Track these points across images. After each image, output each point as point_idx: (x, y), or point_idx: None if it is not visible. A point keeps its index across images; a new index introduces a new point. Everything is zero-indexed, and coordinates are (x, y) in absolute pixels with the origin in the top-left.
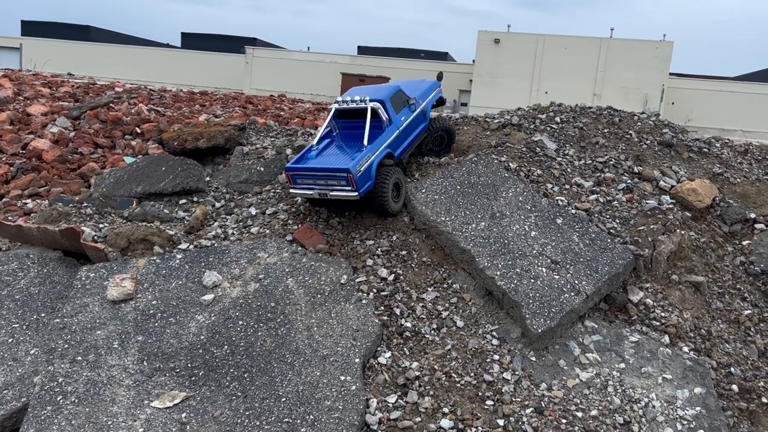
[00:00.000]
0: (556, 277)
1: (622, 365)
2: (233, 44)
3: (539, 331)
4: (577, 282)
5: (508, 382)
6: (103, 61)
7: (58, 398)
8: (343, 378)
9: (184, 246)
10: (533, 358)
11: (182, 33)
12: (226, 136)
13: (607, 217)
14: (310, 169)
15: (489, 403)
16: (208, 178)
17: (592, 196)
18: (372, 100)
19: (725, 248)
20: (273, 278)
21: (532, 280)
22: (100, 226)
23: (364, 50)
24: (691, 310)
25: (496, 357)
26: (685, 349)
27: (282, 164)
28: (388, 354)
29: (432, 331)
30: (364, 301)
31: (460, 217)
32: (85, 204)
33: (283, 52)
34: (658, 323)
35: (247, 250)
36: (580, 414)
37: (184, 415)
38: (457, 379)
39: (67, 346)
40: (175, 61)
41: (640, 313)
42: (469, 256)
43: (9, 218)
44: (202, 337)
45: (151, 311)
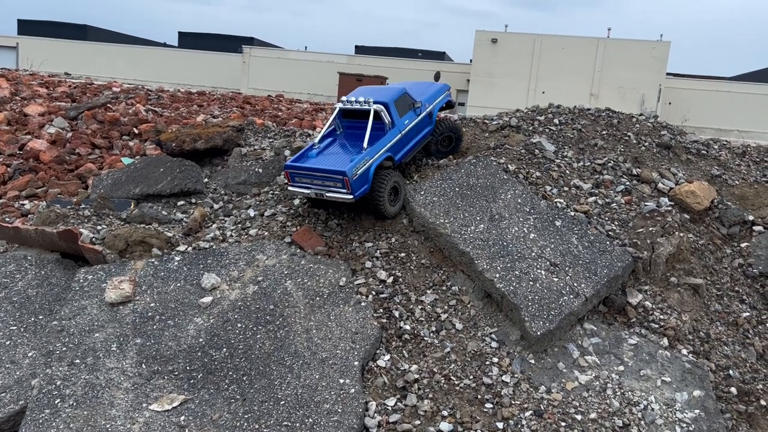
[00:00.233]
0: (555, 279)
1: (621, 368)
2: (230, 44)
3: (538, 333)
4: (576, 284)
5: (507, 385)
6: (100, 61)
7: (56, 401)
8: (342, 381)
9: (182, 248)
10: (532, 361)
11: (179, 32)
12: (224, 138)
13: (606, 219)
14: (308, 168)
15: (488, 406)
16: (206, 180)
17: (591, 198)
18: (376, 102)
19: (723, 250)
20: (272, 280)
21: (531, 283)
22: (98, 227)
23: (361, 50)
24: (690, 313)
25: (495, 360)
26: (684, 352)
27: (280, 166)
28: (387, 357)
29: (431, 334)
30: (363, 304)
31: (459, 219)
32: (83, 205)
33: (280, 52)
34: (656, 326)
35: (246, 252)
36: (579, 417)
37: (182, 418)
38: (456, 382)
39: (65, 348)
40: (172, 60)
41: (639, 315)
42: (468, 258)
43: (6, 219)
44: (201, 340)
45: (150, 314)
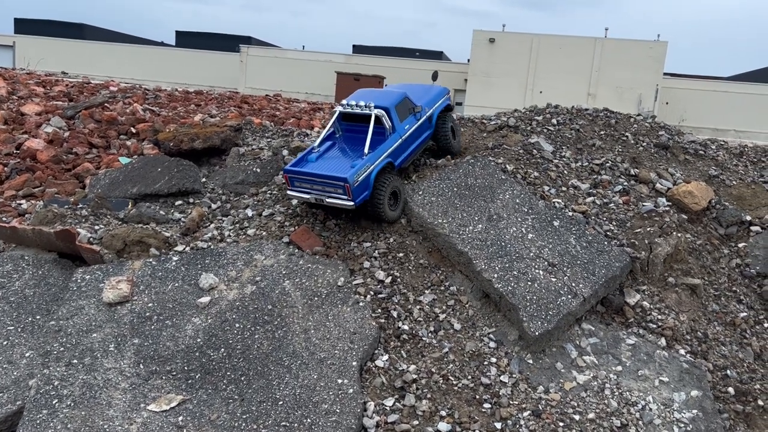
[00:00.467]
0: (553, 279)
1: (619, 368)
2: (228, 43)
3: (536, 333)
4: (574, 285)
5: (506, 385)
6: (97, 60)
7: (54, 401)
8: (340, 381)
9: (180, 248)
10: (530, 361)
11: (177, 31)
12: (222, 137)
13: (604, 219)
14: (308, 174)
15: (486, 406)
16: (204, 179)
17: (589, 199)
18: (377, 107)
19: (721, 250)
20: (270, 280)
21: (530, 283)
22: (96, 227)
23: (359, 49)
24: (688, 313)
25: (494, 360)
26: (682, 352)
27: (278, 165)
28: (386, 357)
29: (429, 334)
30: (361, 304)
31: (457, 220)
32: (81, 205)
33: (278, 51)
34: (654, 326)
35: (244, 252)
36: (577, 417)
37: (180, 419)
38: (455, 382)
39: (62, 348)
40: (169, 59)
41: (637, 315)
42: (467, 258)
43: (3, 219)
44: (199, 340)
45: (147, 314)
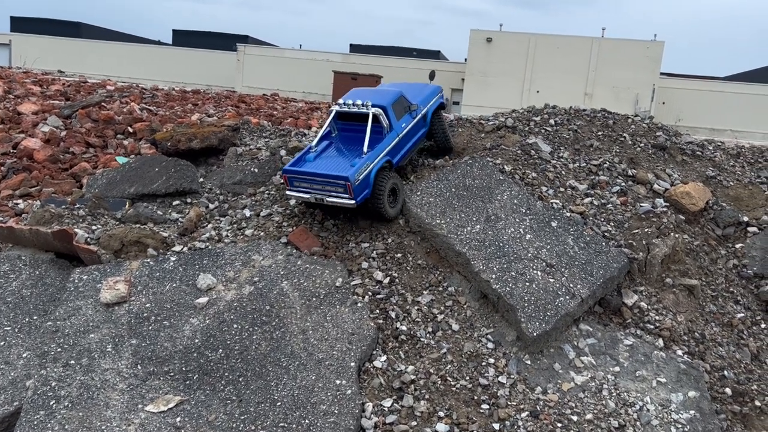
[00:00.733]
0: (551, 280)
1: (617, 369)
2: (225, 41)
3: (534, 334)
4: (572, 285)
5: (504, 386)
6: (94, 58)
7: (51, 402)
8: (338, 382)
9: (177, 248)
10: (528, 362)
11: (173, 30)
12: (219, 137)
13: (602, 220)
14: (308, 173)
15: (484, 406)
16: (201, 179)
17: (587, 199)
18: (374, 106)
19: (718, 251)
20: (268, 281)
21: (528, 284)
22: (93, 227)
23: (356, 48)
24: (685, 314)
25: (492, 360)
26: (679, 353)
27: (276, 165)
28: (384, 357)
29: (427, 335)
30: (359, 305)
31: (455, 220)
32: (78, 205)
33: (275, 50)
34: (652, 326)
35: (242, 253)
36: (575, 418)
37: (178, 420)
38: (453, 383)
39: (60, 349)
40: (166, 58)
41: (635, 316)
42: (465, 259)
43: (0, 219)
44: (197, 341)
45: (145, 314)
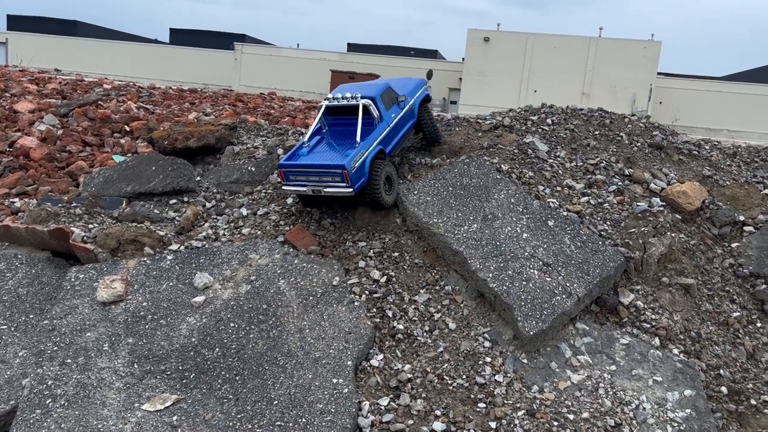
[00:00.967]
0: (548, 279)
1: (613, 367)
2: (222, 40)
3: (531, 333)
4: (568, 284)
5: (500, 385)
6: (91, 57)
7: (48, 401)
8: (335, 381)
9: (174, 247)
10: (525, 361)
11: (171, 29)
12: (216, 136)
13: (599, 219)
14: (304, 165)
15: (481, 405)
16: (198, 178)
17: (584, 198)
18: (363, 97)
19: (714, 250)
20: (265, 280)
21: (524, 283)
22: (90, 226)
23: (353, 47)
24: (681, 313)
25: (488, 359)
26: (675, 352)
27: (273, 164)
28: (381, 356)
29: (424, 333)
30: (356, 303)
31: (452, 219)
32: (74, 204)
33: (272, 49)
34: (648, 325)
35: (239, 252)
36: (571, 416)
37: (175, 418)
38: (450, 382)
39: (56, 348)
40: (163, 57)
41: (631, 315)
42: (462, 257)
43: None
44: (193, 340)
45: (142, 313)
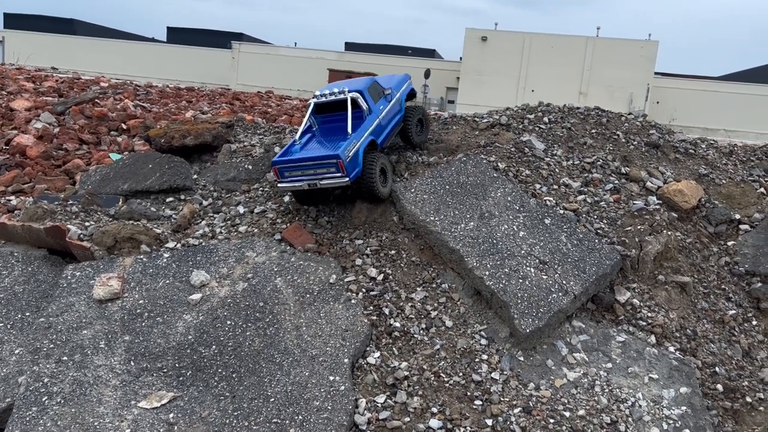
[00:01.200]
0: (544, 277)
1: (609, 365)
2: (219, 39)
3: (527, 331)
4: (564, 282)
5: (497, 382)
6: (88, 55)
7: (44, 399)
8: (332, 378)
9: (171, 245)
10: (521, 358)
11: (168, 27)
12: (213, 134)
13: (595, 217)
14: (298, 159)
15: (477, 402)
16: (195, 176)
17: (580, 197)
18: (351, 91)
19: (710, 249)
20: (261, 278)
21: (521, 280)
22: (86, 224)
23: (351, 47)
24: (677, 310)
25: (485, 357)
26: (671, 349)
27: (270, 162)
28: (377, 354)
29: (421, 331)
30: (353, 301)
31: (449, 217)
32: (71, 201)
33: (269, 48)
34: (644, 323)
35: (236, 249)
36: (567, 414)
37: (171, 416)
38: (446, 379)
39: (52, 345)
40: (160, 55)
41: (627, 313)
42: (458, 255)
43: None
44: (190, 337)
45: (138, 311)
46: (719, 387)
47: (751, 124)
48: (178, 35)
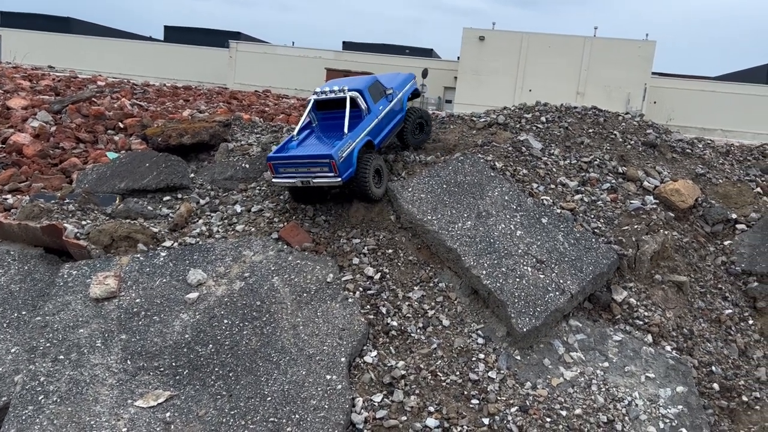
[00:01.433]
0: (542, 276)
1: (606, 364)
2: (217, 38)
3: (524, 330)
4: (561, 281)
5: (494, 381)
6: (84, 54)
7: (40, 397)
8: (329, 377)
9: (168, 243)
10: (518, 357)
11: (165, 26)
12: (210, 133)
13: (592, 216)
14: (292, 157)
15: (474, 401)
16: (192, 175)
17: (577, 196)
18: (351, 90)
19: (707, 248)
20: (258, 277)
21: (518, 279)
22: (83, 223)
23: (349, 46)
24: (674, 310)
25: (482, 356)
26: (668, 348)
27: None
28: (374, 353)
29: (418, 330)
30: (350, 300)
31: (446, 216)
32: (68, 200)
33: (267, 47)
34: (641, 322)
35: (233, 248)
36: (564, 413)
37: (168, 415)
38: (443, 378)
39: (48, 344)
40: (157, 54)
41: (624, 312)
42: (455, 255)
43: None
44: (187, 336)
45: (135, 309)
46: (715, 386)
47: (747, 124)
48: (176, 34)
